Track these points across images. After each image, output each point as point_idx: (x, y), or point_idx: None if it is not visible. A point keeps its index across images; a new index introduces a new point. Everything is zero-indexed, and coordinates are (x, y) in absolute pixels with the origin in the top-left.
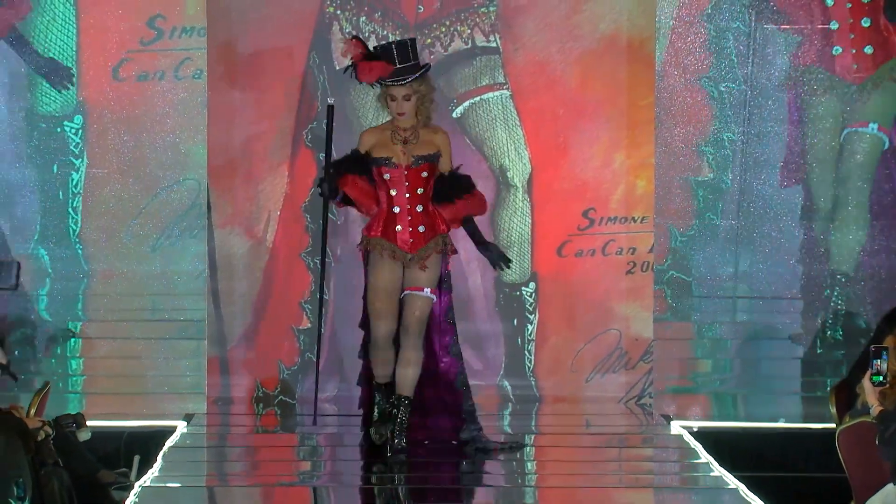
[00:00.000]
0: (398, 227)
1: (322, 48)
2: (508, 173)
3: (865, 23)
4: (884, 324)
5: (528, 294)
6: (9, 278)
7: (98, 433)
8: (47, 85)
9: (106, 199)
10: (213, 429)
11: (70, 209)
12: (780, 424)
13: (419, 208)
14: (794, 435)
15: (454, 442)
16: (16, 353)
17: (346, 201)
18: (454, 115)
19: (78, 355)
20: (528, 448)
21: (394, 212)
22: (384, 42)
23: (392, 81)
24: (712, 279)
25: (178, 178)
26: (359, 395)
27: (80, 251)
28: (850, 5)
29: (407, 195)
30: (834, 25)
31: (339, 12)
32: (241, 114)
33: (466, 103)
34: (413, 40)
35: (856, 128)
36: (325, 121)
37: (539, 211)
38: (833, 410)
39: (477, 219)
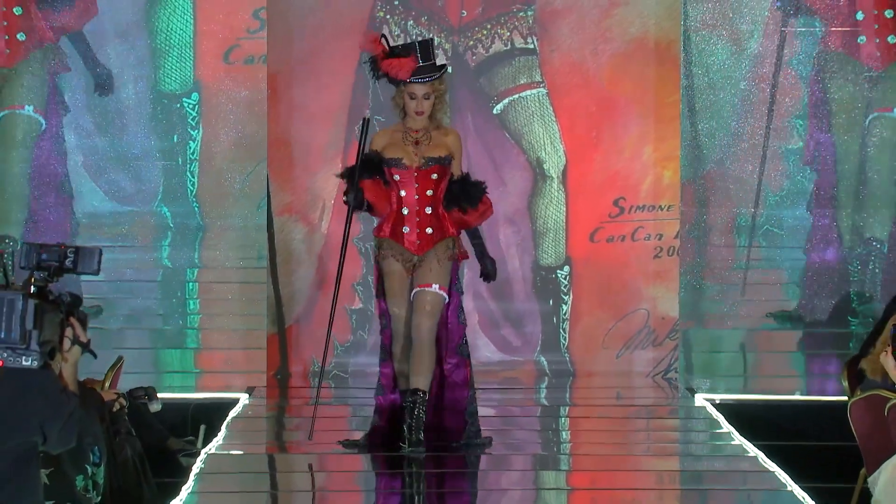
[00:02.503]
0: (406, 229)
1: None
2: (545, 165)
3: (888, 14)
4: (893, 304)
5: (563, 276)
6: (91, 264)
7: (167, 404)
8: (169, 66)
9: (218, 165)
10: (273, 401)
11: (188, 172)
12: (797, 397)
13: (428, 210)
14: (809, 406)
15: (454, 444)
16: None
17: (367, 208)
18: (495, 111)
19: (195, 297)
20: (563, 419)
21: (402, 213)
22: (406, 42)
23: (415, 79)
24: (800, 233)
25: None
26: (374, 407)
27: (196, 208)
28: None
29: (416, 196)
30: (860, 16)
31: (388, 17)
32: (298, 110)
33: (506, 100)
34: (432, 40)
35: (882, 112)
36: (360, 133)
37: (573, 200)
38: (845, 384)
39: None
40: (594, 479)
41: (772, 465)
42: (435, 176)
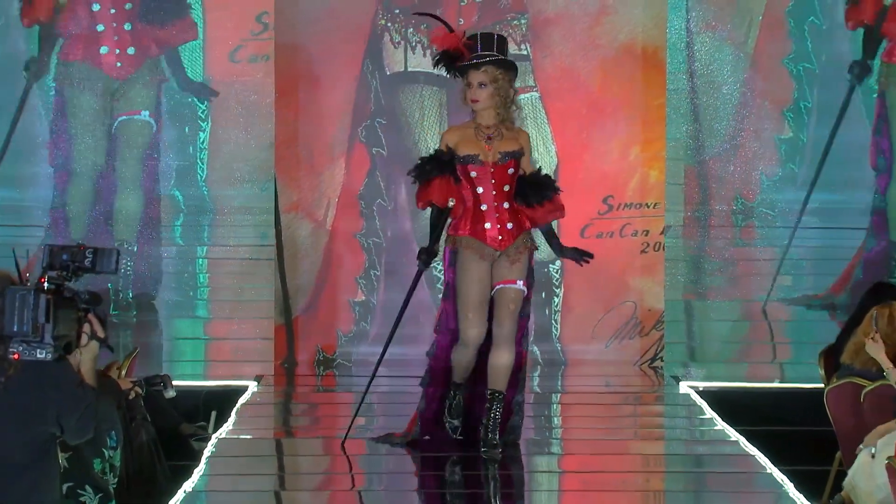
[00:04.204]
0: (487, 225)
1: (375, 55)
2: (537, 165)
3: None
4: (868, 297)
5: (555, 270)
6: (109, 264)
7: (180, 391)
8: (182, 67)
9: (225, 153)
10: (280, 388)
11: (198, 160)
12: (776, 385)
13: (506, 205)
14: (787, 393)
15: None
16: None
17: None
18: None
19: (205, 271)
20: (555, 406)
21: (481, 209)
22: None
23: (466, 63)
24: (791, 214)
25: None
26: (422, 396)
27: (205, 192)
28: None
29: (493, 192)
30: None
31: (389, 24)
32: (304, 112)
33: None
34: (502, 37)
35: None
36: (435, 220)
37: (564, 198)
38: (821, 372)
39: None
40: (584, 462)
41: (752, 449)
42: (511, 171)
